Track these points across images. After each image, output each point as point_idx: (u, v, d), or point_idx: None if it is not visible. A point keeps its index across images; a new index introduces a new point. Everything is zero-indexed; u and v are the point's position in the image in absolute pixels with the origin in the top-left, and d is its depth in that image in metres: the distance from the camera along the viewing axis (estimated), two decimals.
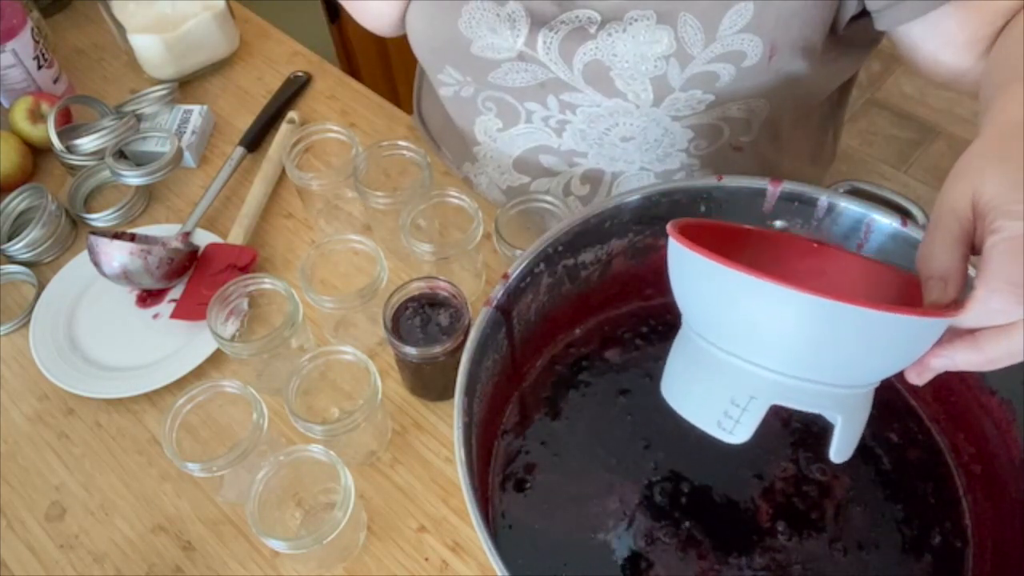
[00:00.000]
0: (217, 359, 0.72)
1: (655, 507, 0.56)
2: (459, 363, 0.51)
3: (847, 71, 0.74)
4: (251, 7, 1.04)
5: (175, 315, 0.74)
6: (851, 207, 0.56)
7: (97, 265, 0.73)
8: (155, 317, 0.75)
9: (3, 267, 0.79)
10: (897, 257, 0.54)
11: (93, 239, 0.72)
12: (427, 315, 0.64)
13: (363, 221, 0.81)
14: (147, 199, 0.85)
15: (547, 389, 0.63)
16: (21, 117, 0.86)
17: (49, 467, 0.68)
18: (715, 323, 0.42)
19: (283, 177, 0.85)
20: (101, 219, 0.82)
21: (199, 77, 0.96)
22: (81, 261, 0.78)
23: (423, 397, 0.69)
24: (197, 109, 0.89)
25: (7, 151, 0.84)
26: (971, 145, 0.44)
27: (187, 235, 0.78)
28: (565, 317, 0.64)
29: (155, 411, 0.70)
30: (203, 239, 0.79)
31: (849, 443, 0.43)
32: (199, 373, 0.71)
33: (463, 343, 0.53)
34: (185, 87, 0.95)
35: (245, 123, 0.89)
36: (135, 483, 0.67)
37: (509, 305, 0.56)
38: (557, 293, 0.61)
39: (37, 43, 0.88)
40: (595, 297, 0.64)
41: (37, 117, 0.87)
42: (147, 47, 0.90)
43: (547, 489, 0.58)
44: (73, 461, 0.68)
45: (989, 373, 0.39)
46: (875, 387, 0.43)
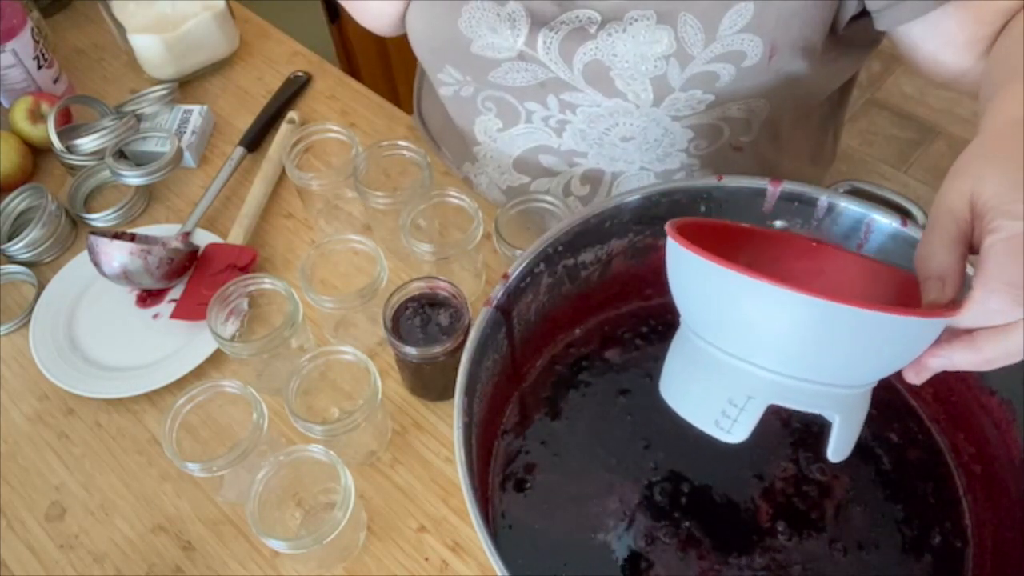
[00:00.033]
0: (217, 359, 0.72)
1: (655, 507, 0.56)
2: (459, 363, 0.51)
3: (847, 71, 0.74)
4: (251, 7, 1.04)
5: (175, 315, 0.74)
6: (851, 207, 0.56)
7: (97, 265, 0.73)
8: (155, 317, 0.75)
9: (3, 267, 0.79)
10: (897, 257, 0.54)
11: (93, 239, 0.72)
12: (427, 315, 0.64)
13: (363, 221, 0.81)
14: (147, 199, 0.85)
15: (547, 389, 0.63)
16: (21, 117, 0.86)
17: (49, 467, 0.68)
18: (713, 323, 0.42)
19: (283, 177, 0.85)
20: (101, 219, 0.82)
21: (199, 77, 0.96)
22: (81, 261, 0.78)
23: (423, 397, 0.69)
24: (197, 109, 0.89)
25: (7, 151, 0.84)
26: (969, 144, 0.44)
27: (187, 235, 0.78)
28: (565, 317, 0.64)
29: (155, 411, 0.70)
30: (203, 239, 0.79)
31: (847, 442, 0.43)
32: (199, 373, 0.71)
33: (463, 343, 0.53)
34: (185, 87, 0.95)
35: (245, 123, 0.89)
36: (135, 483, 0.67)
37: (509, 305, 0.56)
38: (557, 293, 0.61)
39: (37, 43, 0.88)
40: (595, 297, 0.64)
41: (37, 117, 0.87)
42: (147, 47, 0.90)
43: (547, 489, 0.58)
44: (73, 461, 0.68)
45: (989, 373, 0.39)
46: (873, 386, 0.43)
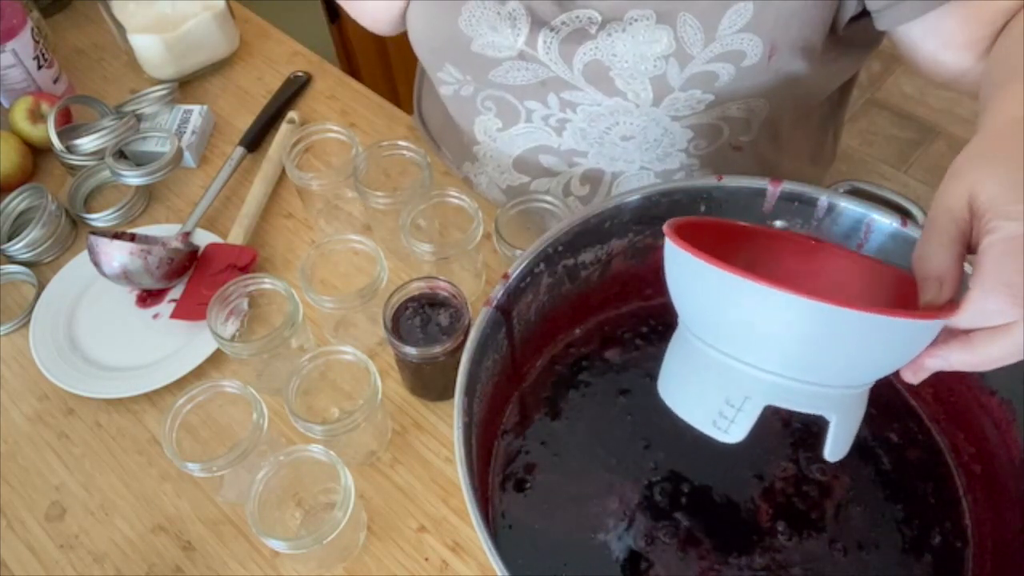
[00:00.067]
0: (217, 359, 0.72)
1: (655, 507, 0.56)
2: (459, 363, 0.51)
3: (847, 71, 0.74)
4: (251, 7, 1.04)
5: (175, 315, 0.74)
6: (851, 207, 0.56)
7: (97, 265, 0.73)
8: (155, 317, 0.75)
9: (3, 267, 0.79)
10: (897, 257, 0.54)
11: (93, 239, 0.72)
12: (427, 315, 0.64)
13: (363, 221, 0.81)
14: (147, 199, 0.85)
15: (547, 389, 0.63)
16: (21, 117, 0.86)
17: (49, 467, 0.68)
18: (710, 324, 0.42)
19: (283, 177, 0.85)
20: (101, 219, 0.82)
21: (199, 77, 0.96)
22: (81, 261, 0.78)
23: (423, 397, 0.69)
24: (197, 109, 0.89)
25: (7, 151, 0.84)
26: (968, 144, 0.44)
27: (187, 235, 0.78)
28: (565, 317, 0.64)
29: (155, 411, 0.70)
30: (203, 239, 0.79)
31: (844, 442, 0.43)
32: (199, 373, 0.71)
33: (463, 343, 0.53)
34: (185, 87, 0.95)
35: (245, 123, 0.89)
36: (135, 483, 0.67)
37: (509, 305, 0.56)
38: (557, 293, 0.61)
39: (37, 43, 0.88)
40: (595, 297, 0.64)
41: (37, 117, 0.87)
42: (147, 47, 0.90)
43: (547, 489, 0.58)
44: (73, 461, 0.68)
45: (989, 373, 0.39)
46: (870, 386, 0.43)
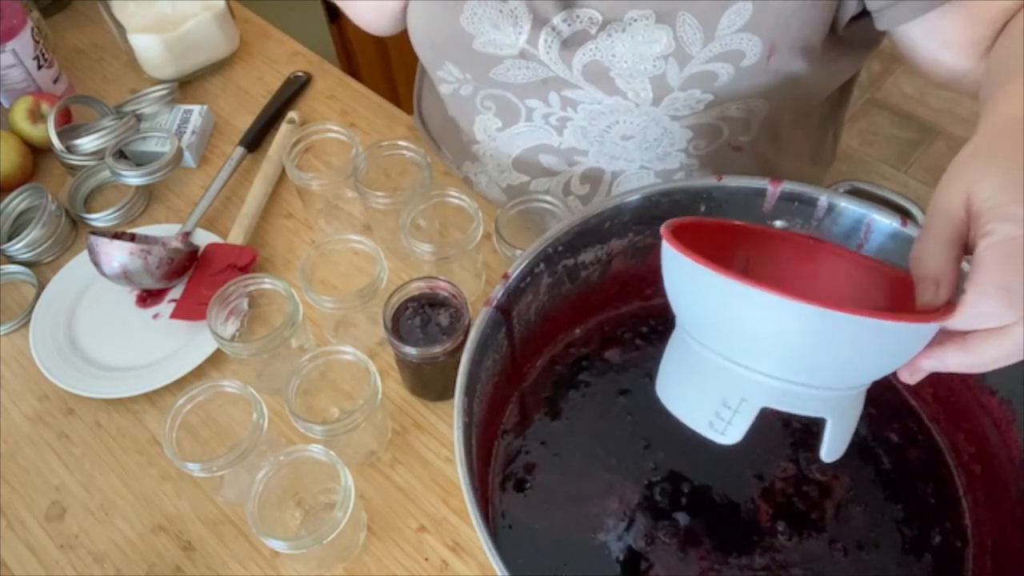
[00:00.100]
0: (217, 359, 0.72)
1: (655, 507, 0.56)
2: (459, 363, 0.51)
3: (847, 71, 0.74)
4: (251, 7, 1.04)
5: (175, 315, 0.74)
6: (851, 207, 0.56)
7: (97, 265, 0.73)
8: (155, 317, 0.75)
9: (3, 267, 0.79)
10: (897, 257, 0.54)
11: (93, 239, 0.72)
12: (427, 315, 0.64)
13: (363, 221, 0.81)
14: (147, 199, 0.85)
15: (547, 389, 0.63)
16: (21, 117, 0.86)
17: (49, 467, 0.68)
18: (706, 326, 0.42)
19: (283, 177, 0.85)
20: (101, 219, 0.82)
21: (199, 77, 0.96)
22: (81, 261, 0.78)
23: (423, 397, 0.69)
24: (197, 109, 0.89)
25: (7, 151, 0.84)
26: (967, 143, 0.43)
27: (187, 235, 0.78)
28: (565, 317, 0.64)
29: (155, 411, 0.70)
30: (203, 239, 0.79)
31: (840, 442, 0.43)
32: (199, 373, 0.71)
33: (463, 343, 0.53)
34: (185, 87, 0.95)
35: (245, 123, 0.89)
36: (135, 483, 0.67)
37: (509, 305, 0.56)
38: (557, 293, 0.61)
39: (37, 43, 0.88)
40: (595, 297, 0.64)
41: (37, 117, 0.87)
42: (147, 47, 0.90)
43: (547, 489, 0.58)
44: (73, 461, 0.68)
45: (989, 373, 0.39)
46: (867, 387, 0.43)
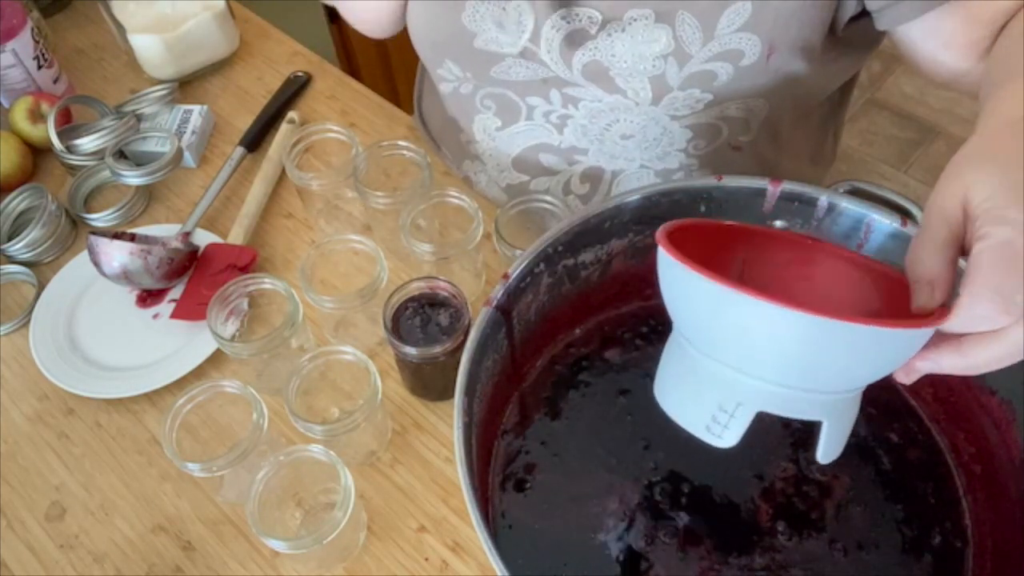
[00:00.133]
0: (217, 359, 0.72)
1: (655, 507, 0.56)
2: (459, 363, 0.51)
3: (847, 72, 0.74)
4: (251, 7, 1.04)
5: (175, 315, 0.74)
6: (851, 207, 0.56)
7: (97, 265, 0.73)
8: (155, 317, 0.75)
9: (3, 267, 0.79)
10: (897, 257, 0.54)
11: (93, 239, 0.72)
12: (427, 315, 0.64)
13: (363, 221, 0.81)
14: (147, 199, 0.85)
15: (547, 389, 0.63)
16: (21, 117, 0.86)
17: (49, 467, 0.68)
18: (702, 332, 0.42)
19: (283, 177, 0.85)
20: (101, 219, 0.82)
21: (199, 77, 0.96)
22: (81, 261, 0.78)
23: (423, 397, 0.69)
24: (197, 109, 0.89)
25: (7, 151, 0.84)
26: (965, 144, 0.43)
27: (187, 235, 0.78)
28: (565, 317, 0.64)
29: (155, 411, 0.70)
30: (203, 239, 0.79)
31: (836, 444, 0.43)
32: (199, 373, 0.71)
33: (463, 343, 0.53)
34: (185, 87, 0.95)
35: (245, 123, 0.89)
36: (135, 483, 0.67)
37: (509, 305, 0.56)
38: (557, 293, 0.61)
39: (37, 43, 0.88)
40: (595, 297, 0.64)
41: (37, 117, 0.87)
42: (147, 47, 0.90)
43: (547, 489, 0.58)
44: (73, 461, 0.68)
45: (989, 373, 0.39)
46: (863, 389, 0.43)
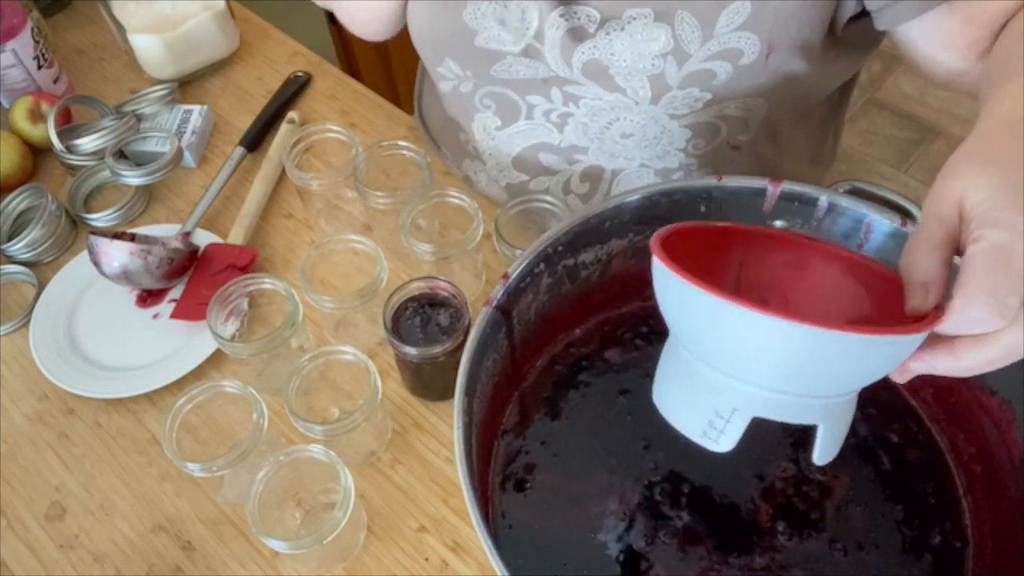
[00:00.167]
0: (217, 359, 0.72)
1: (655, 507, 0.56)
2: (459, 363, 0.51)
3: (847, 72, 0.74)
4: (251, 7, 1.04)
5: (175, 315, 0.74)
6: (851, 207, 0.56)
7: (97, 265, 0.73)
8: (155, 317, 0.75)
9: (3, 267, 0.79)
10: (896, 257, 0.53)
11: (93, 239, 0.72)
12: (427, 315, 0.64)
13: (363, 221, 0.81)
14: (147, 199, 0.85)
15: (547, 389, 0.63)
16: (21, 117, 0.86)
17: (49, 467, 0.68)
18: (697, 339, 0.42)
19: (283, 177, 0.85)
20: (101, 219, 0.82)
21: (199, 77, 0.96)
22: (81, 261, 0.78)
23: (423, 397, 0.69)
24: (197, 109, 0.89)
25: (7, 151, 0.84)
26: (962, 144, 0.43)
27: (187, 235, 0.78)
28: (565, 317, 0.64)
29: (155, 411, 0.70)
30: (203, 239, 0.79)
31: (833, 446, 0.43)
32: (199, 373, 0.71)
33: (463, 343, 0.53)
34: (185, 87, 0.95)
35: (245, 123, 0.89)
36: (135, 483, 0.67)
37: (509, 305, 0.56)
38: (557, 293, 0.61)
39: (37, 43, 0.88)
40: (595, 297, 0.64)
41: (37, 117, 0.87)
42: (147, 47, 0.90)
43: (547, 489, 0.58)
44: (73, 461, 0.68)
45: (989, 373, 0.39)
46: (858, 392, 0.43)
